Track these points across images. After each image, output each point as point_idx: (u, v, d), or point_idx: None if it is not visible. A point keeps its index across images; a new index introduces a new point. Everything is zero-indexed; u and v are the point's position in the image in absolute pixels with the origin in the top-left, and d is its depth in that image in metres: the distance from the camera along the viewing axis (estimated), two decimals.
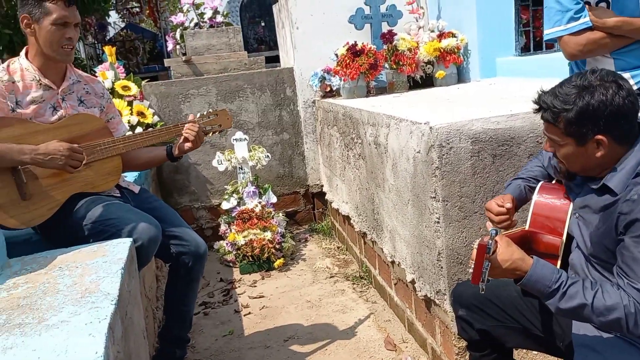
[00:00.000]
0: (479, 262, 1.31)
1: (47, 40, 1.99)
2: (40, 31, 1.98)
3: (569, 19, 1.97)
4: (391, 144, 2.52)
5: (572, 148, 1.39)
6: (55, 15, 1.96)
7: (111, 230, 1.96)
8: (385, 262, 2.94)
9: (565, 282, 1.31)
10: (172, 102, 4.27)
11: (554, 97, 1.39)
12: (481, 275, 1.32)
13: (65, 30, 1.99)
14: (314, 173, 4.55)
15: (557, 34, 2.01)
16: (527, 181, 1.74)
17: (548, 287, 1.31)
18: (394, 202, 2.59)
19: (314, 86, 4.17)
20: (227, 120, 2.38)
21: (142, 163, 2.39)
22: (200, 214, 4.41)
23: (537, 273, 1.33)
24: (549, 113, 1.40)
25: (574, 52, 1.99)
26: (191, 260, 2.27)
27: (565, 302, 1.30)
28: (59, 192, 2.01)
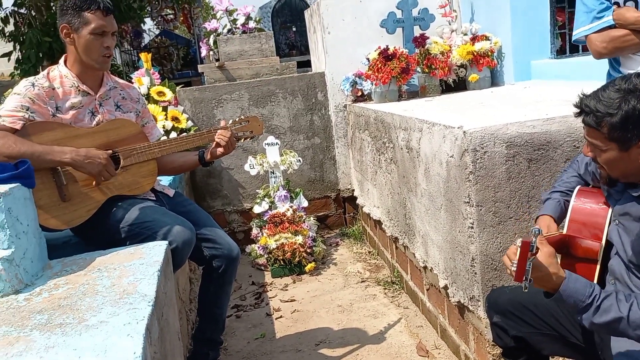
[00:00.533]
0: (522, 259, 1.29)
1: (86, 49, 2.04)
2: (80, 40, 2.04)
3: (592, 19, 2.00)
4: (423, 149, 2.51)
5: (614, 153, 1.36)
6: (94, 24, 2.02)
7: (147, 232, 1.99)
8: (417, 267, 2.92)
9: (598, 295, 1.28)
10: (206, 107, 4.33)
11: (597, 100, 1.35)
12: (524, 272, 1.30)
13: (103, 39, 2.05)
14: (345, 177, 4.55)
15: (582, 34, 2.06)
16: (565, 194, 1.71)
17: (582, 302, 1.29)
18: (427, 206, 2.57)
19: (345, 90, 4.18)
20: (259, 126, 2.42)
21: (176, 167, 2.43)
22: (232, 218, 4.46)
23: (571, 287, 1.30)
24: (592, 117, 1.36)
25: (599, 49, 2.01)
26: (224, 263, 2.30)
27: (600, 317, 1.27)
28: (97, 194, 2.06)
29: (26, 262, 1.59)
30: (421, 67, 3.81)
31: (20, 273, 1.55)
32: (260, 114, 4.35)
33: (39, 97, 1.99)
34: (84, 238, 2.15)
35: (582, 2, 2.05)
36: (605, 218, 1.48)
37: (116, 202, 2.10)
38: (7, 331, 1.30)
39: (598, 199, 1.53)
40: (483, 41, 3.75)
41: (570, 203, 1.57)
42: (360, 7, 4.22)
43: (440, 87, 3.85)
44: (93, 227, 2.05)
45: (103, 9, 2.04)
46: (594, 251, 1.46)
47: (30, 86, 2.00)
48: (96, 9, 2.02)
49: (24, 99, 1.96)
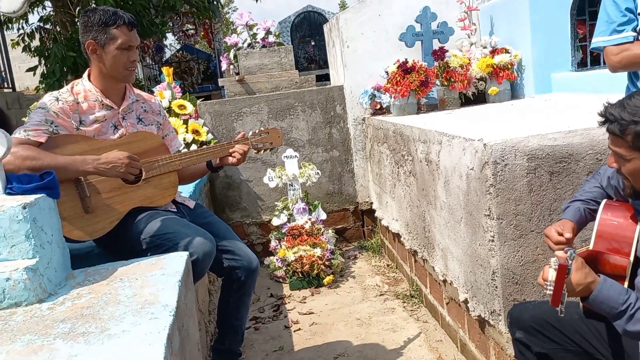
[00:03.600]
0: (559, 283, 1.27)
1: (113, 64, 2.09)
2: (107, 56, 2.08)
3: (612, 31, 1.98)
4: (443, 161, 2.50)
5: (639, 163, 1.34)
6: (121, 40, 2.06)
7: (168, 244, 2.01)
8: (437, 280, 2.89)
9: (633, 304, 1.26)
10: (226, 120, 4.37)
11: (622, 109, 1.34)
12: (561, 297, 1.28)
13: (129, 53, 2.09)
14: (364, 190, 4.55)
15: (599, 44, 2.05)
16: (586, 203, 1.69)
17: (615, 309, 1.26)
18: (446, 219, 2.55)
19: (364, 104, 4.18)
20: (278, 138, 2.44)
21: (186, 177, 2.46)
22: (251, 230, 4.47)
23: (604, 294, 1.28)
24: (616, 125, 1.35)
25: (613, 63, 2.00)
26: (244, 275, 2.30)
27: (633, 325, 1.25)
28: (120, 206, 2.08)
29: (50, 271, 1.61)
30: (440, 80, 3.81)
31: (44, 282, 1.57)
32: (280, 126, 4.37)
33: (63, 111, 2.03)
34: (107, 249, 2.17)
35: (605, 10, 2.03)
36: (634, 233, 1.46)
37: (138, 214, 2.12)
38: (31, 339, 1.31)
39: (625, 214, 1.50)
40: (503, 54, 3.73)
41: (597, 217, 1.54)
42: (379, 21, 4.24)
43: (460, 100, 3.83)
44: (115, 238, 2.08)
45: (128, 24, 2.08)
46: (622, 267, 1.44)
47: (54, 100, 2.04)
48: (122, 24, 2.06)
49: (49, 112, 2.00)
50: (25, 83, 9.93)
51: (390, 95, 3.81)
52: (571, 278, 1.30)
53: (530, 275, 2.06)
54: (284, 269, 3.86)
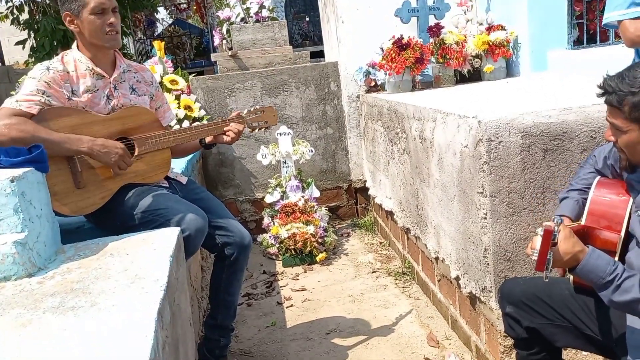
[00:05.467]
0: (544, 248, 1.28)
1: (91, 31, 2.05)
2: (83, 24, 2.04)
3: (630, 4, 1.93)
4: (437, 139, 2.49)
5: (635, 135, 1.34)
6: (92, 4, 2.02)
7: (160, 220, 2.00)
8: (429, 258, 2.91)
9: (620, 274, 1.27)
10: (218, 96, 4.33)
11: (621, 80, 1.33)
12: (545, 262, 1.29)
13: (105, 17, 2.05)
14: (357, 168, 4.54)
15: (615, 18, 1.98)
16: (583, 192, 1.68)
17: (602, 279, 1.28)
18: (439, 197, 2.56)
19: (358, 81, 4.15)
20: (274, 117, 2.43)
21: (179, 151, 2.45)
22: (244, 207, 4.47)
23: (591, 263, 1.29)
24: (614, 97, 1.34)
25: (632, 37, 1.95)
26: (236, 251, 2.31)
27: (619, 295, 1.26)
28: (111, 182, 2.07)
29: (39, 245, 1.60)
30: (436, 57, 3.78)
31: (33, 257, 1.56)
32: (273, 103, 4.34)
33: (55, 80, 2.00)
34: (97, 224, 2.17)
35: None
36: (625, 210, 1.46)
37: (129, 190, 2.11)
38: (20, 313, 1.31)
39: (618, 190, 1.51)
40: (499, 31, 3.70)
41: (590, 194, 1.54)
42: None
43: (455, 77, 3.81)
44: (106, 214, 2.07)
45: None
46: (612, 243, 1.44)
47: (45, 70, 2.00)
48: None
49: (40, 82, 1.97)
50: (15, 57, 9.80)
51: (385, 72, 3.77)
52: (559, 247, 1.31)
53: (521, 253, 2.07)
54: (276, 246, 3.87)
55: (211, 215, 2.22)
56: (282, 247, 3.80)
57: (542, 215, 2.03)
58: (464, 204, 2.25)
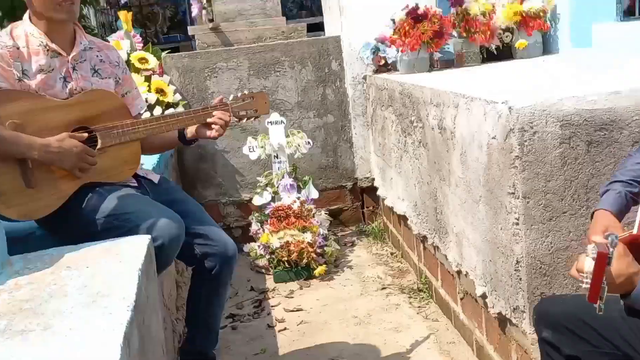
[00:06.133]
0: (598, 275, 1.27)
1: (40, 1, 2.04)
2: None
3: None
4: (460, 129, 2.49)
5: None
6: None
7: (127, 225, 2.00)
8: (450, 271, 2.91)
9: None
10: (197, 77, 4.34)
11: None
12: (600, 291, 1.27)
13: None
14: (364, 164, 4.55)
15: None
16: (628, 185, 1.68)
17: None
18: (462, 199, 2.56)
19: (365, 59, 4.15)
20: (265, 105, 2.44)
21: (154, 147, 2.46)
22: (228, 211, 4.48)
23: None
24: None
25: None
26: (218, 263, 2.31)
27: None
28: (69, 180, 2.07)
29: None
30: (458, 30, 3.78)
31: None
32: (263, 86, 4.34)
33: (2, 58, 2.00)
34: (52, 230, 2.16)
35: None
36: None
37: (91, 190, 2.12)
38: None
39: None
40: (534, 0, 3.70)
41: None
42: None
43: (481, 55, 3.81)
44: (63, 218, 2.07)
45: None
46: None
47: None
48: None
49: None
50: None
51: (397, 49, 3.77)
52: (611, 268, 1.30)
53: (561, 265, 2.07)
54: (267, 258, 3.87)
55: (188, 221, 2.22)
56: (274, 259, 3.80)
57: (585, 220, 2.03)
58: (492, 207, 2.25)
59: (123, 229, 2.00)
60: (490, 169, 2.22)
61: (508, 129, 2.03)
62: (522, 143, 1.99)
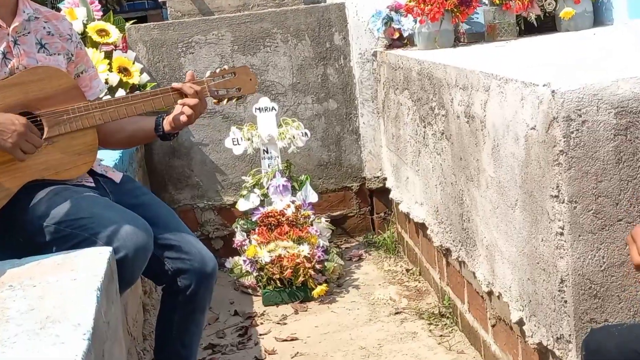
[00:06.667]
0: None
1: None
2: None
3: None
4: (491, 117, 2.49)
5: None
6: None
7: (82, 235, 2.01)
8: (479, 292, 2.91)
9: None
10: (169, 53, 4.33)
11: None
12: None
13: None
14: (373, 160, 4.55)
15: None
16: None
17: None
18: (494, 203, 2.56)
19: (375, 31, 4.15)
20: (250, 82, 2.44)
21: (122, 139, 2.46)
22: (206, 217, 4.48)
23: None
24: None
25: None
26: (194, 282, 2.31)
27: None
28: (9, 178, 2.07)
29: None
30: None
31: None
32: (250, 64, 4.33)
33: None
34: None
35: None
36: None
37: (37, 190, 2.12)
38: None
39: None
40: None
41: None
42: None
43: (518, 26, 3.81)
44: (3, 227, 2.07)
45: None
46: None
47: None
48: None
49: None
50: None
51: (414, 19, 3.78)
52: None
53: (615, 285, 2.07)
54: (254, 275, 3.87)
55: (158, 229, 2.23)
56: (263, 277, 3.80)
57: None
58: (531, 213, 2.25)
59: (77, 239, 2.00)
60: (529, 166, 2.22)
61: (551, 117, 2.02)
62: (567, 135, 1.98)
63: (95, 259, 1.82)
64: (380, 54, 4.26)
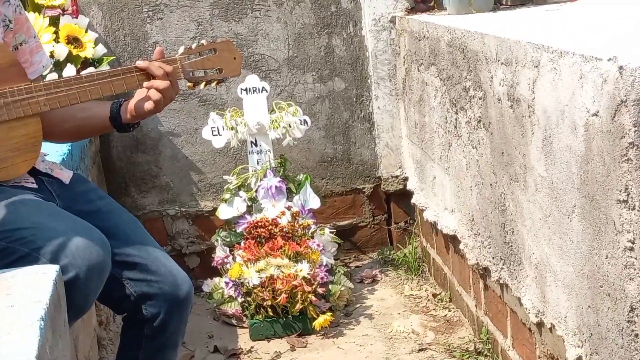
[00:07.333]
0: None
1: None
2: None
3: None
4: (541, 100, 2.49)
5: None
6: None
7: (21, 249, 2.01)
8: (526, 323, 2.91)
9: None
10: (131, 19, 4.34)
11: None
12: None
13: None
14: (391, 155, 4.56)
15: None
16: None
17: None
18: (546, 210, 2.56)
19: None
20: (234, 61, 2.45)
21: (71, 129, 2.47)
22: (178, 228, 4.49)
23: None
24: None
25: None
26: (163, 310, 2.31)
27: None
28: None
29: None
30: None
31: None
32: (234, 33, 4.34)
33: None
34: None
35: None
36: None
37: None
38: None
39: None
40: None
41: None
42: None
43: None
44: None
45: None
46: None
47: None
48: None
49: None
50: None
51: None
52: None
53: None
54: (239, 302, 3.87)
55: (117, 243, 2.24)
56: (251, 304, 3.80)
57: None
58: (593, 223, 2.25)
59: (15, 255, 2.01)
60: (590, 163, 2.22)
61: (618, 100, 2.02)
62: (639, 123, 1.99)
63: (38, 280, 1.82)
64: (400, 20, 4.27)
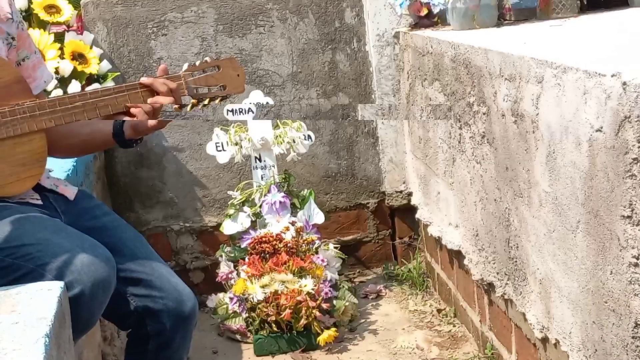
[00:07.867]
0: None
1: None
2: None
3: None
4: (545, 116, 2.50)
5: None
6: None
7: (26, 266, 2.01)
8: (530, 339, 2.91)
9: None
10: (136, 35, 4.35)
11: None
12: None
13: None
14: (395, 170, 4.56)
15: None
16: None
17: None
18: (550, 225, 2.56)
19: (397, 6, 4.17)
20: (237, 78, 2.45)
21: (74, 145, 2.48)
22: (183, 243, 4.48)
23: None
24: None
25: None
26: (168, 326, 2.31)
27: None
28: None
29: None
30: None
31: None
32: (238, 49, 4.35)
33: None
34: None
35: None
36: None
37: None
38: None
39: None
40: None
41: None
42: None
43: (579, 1, 3.82)
44: None
45: None
46: None
47: None
48: None
49: None
50: None
51: None
52: None
53: None
54: (244, 317, 3.87)
55: (122, 259, 2.24)
56: (255, 319, 3.80)
57: None
58: (597, 239, 2.25)
59: (20, 272, 2.01)
60: (594, 178, 2.22)
61: (621, 116, 2.02)
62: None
63: (43, 296, 1.82)
64: (403, 36, 4.27)
